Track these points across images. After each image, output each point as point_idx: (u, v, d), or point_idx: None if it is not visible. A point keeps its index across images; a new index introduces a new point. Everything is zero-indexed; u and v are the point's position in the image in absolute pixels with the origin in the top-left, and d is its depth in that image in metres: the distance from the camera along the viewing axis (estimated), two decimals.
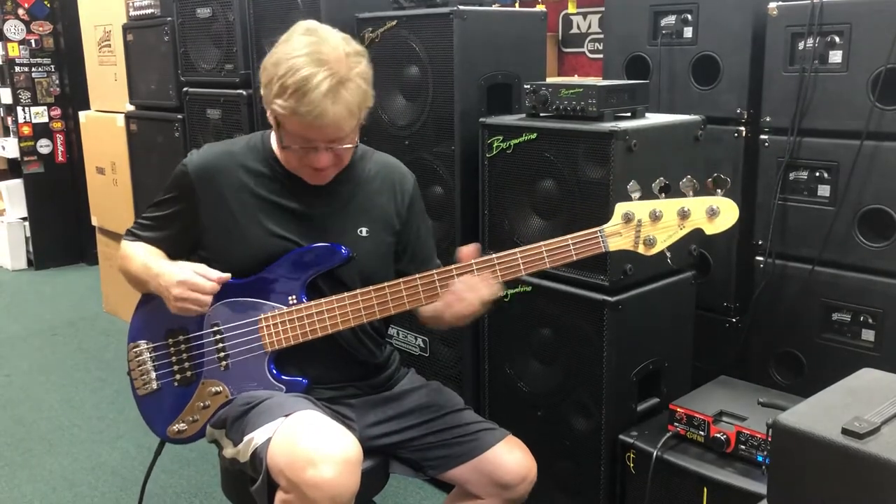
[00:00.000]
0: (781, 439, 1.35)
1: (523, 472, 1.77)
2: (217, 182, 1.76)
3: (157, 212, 1.85)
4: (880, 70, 2.12)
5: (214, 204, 1.76)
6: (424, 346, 2.64)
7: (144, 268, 1.78)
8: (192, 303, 1.69)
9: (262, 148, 1.80)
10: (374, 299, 1.70)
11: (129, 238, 1.88)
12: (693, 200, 1.59)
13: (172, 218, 1.82)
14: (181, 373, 1.82)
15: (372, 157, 1.88)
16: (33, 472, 2.86)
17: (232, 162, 1.78)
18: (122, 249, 1.87)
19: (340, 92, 1.56)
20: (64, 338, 4.21)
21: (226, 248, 1.76)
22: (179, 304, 1.69)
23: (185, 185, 1.78)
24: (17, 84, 5.23)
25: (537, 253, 1.64)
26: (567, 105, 2.15)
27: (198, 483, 2.77)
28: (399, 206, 1.86)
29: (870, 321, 2.21)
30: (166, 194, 1.83)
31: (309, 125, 1.58)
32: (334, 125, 1.59)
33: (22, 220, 5.49)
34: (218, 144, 1.86)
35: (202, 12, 3.22)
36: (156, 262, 1.77)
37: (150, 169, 3.86)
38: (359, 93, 1.60)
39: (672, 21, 2.56)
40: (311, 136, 1.62)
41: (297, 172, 1.73)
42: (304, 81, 1.54)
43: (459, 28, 2.34)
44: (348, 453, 1.53)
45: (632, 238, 1.62)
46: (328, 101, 1.55)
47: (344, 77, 1.57)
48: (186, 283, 1.68)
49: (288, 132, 1.64)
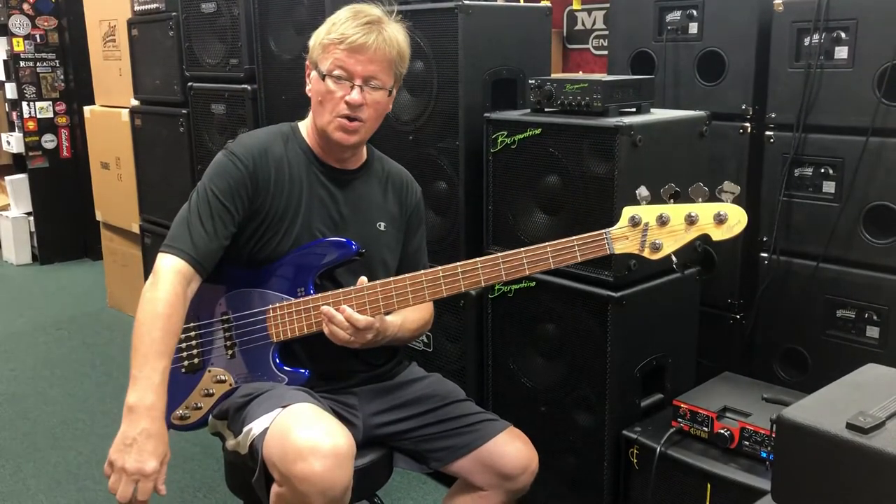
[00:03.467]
0: (786, 434, 1.35)
1: (525, 463, 1.78)
2: (264, 170, 1.76)
3: (204, 206, 1.70)
4: (886, 66, 2.11)
5: (265, 192, 1.75)
6: (428, 341, 2.64)
7: (143, 361, 1.57)
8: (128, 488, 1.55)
9: (295, 137, 1.83)
10: (379, 294, 1.70)
11: (174, 253, 1.65)
12: (701, 206, 1.58)
13: (221, 211, 1.70)
14: (189, 360, 1.83)
15: (386, 162, 1.95)
16: (38, 466, 2.87)
17: (272, 150, 1.79)
18: (159, 274, 1.64)
19: (383, 27, 1.73)
20: (68, 332, 4.22)
21: (265, 236, 1.76)
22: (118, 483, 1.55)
23: (237, 174, 1.72)
24: (23, 79, 5.24)
25: (542, 253, 1.65)
26: (572, 100, 2.14)
27: (201, 477, 2.77)
28: (405, 213, 1.93)
29: (874, 318, 2.20)
30: (215, 187, 1.71)
31: (350, 48, 1.69)
32: (376, 53, 1.71)
33: (27, 215, 5.49)
34: (254, 134, 1.85)
35: (207, 7, 3.22)
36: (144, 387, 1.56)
37: (155, 164, 3.87)
38: (399, 37, 1.76)
39: (677, 17, 2.55)
40: (351, 65, 1.70)
41: (327, 132, 1.75)
42: (355, 14, 1.73)
43: (464, 23, 2.34)
44: (339, 447, 1.52)
45: (638, 242, 1.61)
46: (372, 28, 1.71)
47: (386, 21, 1.75)
48: (137, 476, 1.55)
49: (329, 67, 1.72)
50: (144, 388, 1.56)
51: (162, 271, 1.65)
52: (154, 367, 1.57)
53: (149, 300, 1.62)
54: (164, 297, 1.61)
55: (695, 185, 1.58)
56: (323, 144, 1.81)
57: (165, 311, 1.60)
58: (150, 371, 1.57)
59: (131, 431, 1.55)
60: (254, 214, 1.75)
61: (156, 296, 1.61)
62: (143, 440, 1.54)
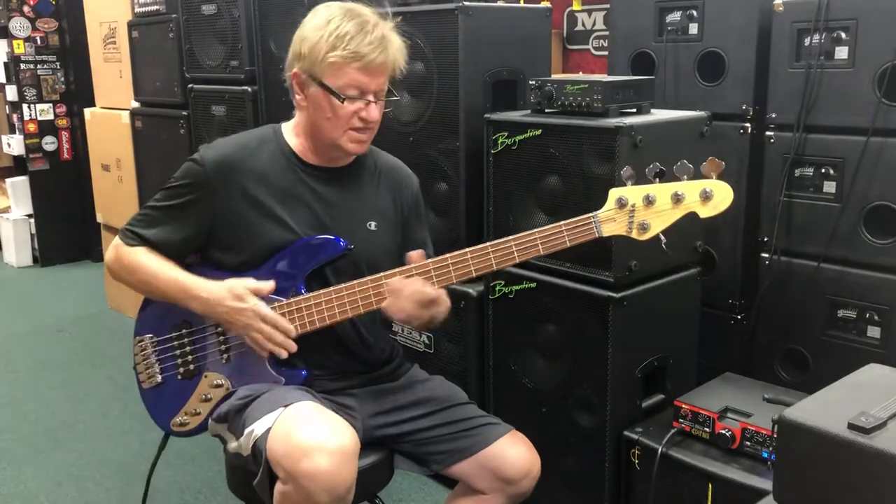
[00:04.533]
0: (787, 435, 1.35)
1: (527, 467, 1.77)
2: (233, 176, 1.75)
3: (166, 202, 1.77)
4: (886, 66, 2.11)
5: (231, 198, 1.74)
6: (429, 342, 2.64)
7: (176, 283, 1.74)
8: (278, 345, 1.71)
9: (276, 140, 1.81)
10: (370, 290, 1.70)
11: (131, 239, 1.79)
12: (687, 184, 1.58)
13: (184, 210, 1.75)
14: (185, 366, 1.83)
15: (378, 156, 1.91)
16: (39, 468, 2.87)
17: (247, 155, 1.77)
18: (127, 255, 1.78)
19: (390, 35, 1.71)
20: (69, 334, 4.22)
21: (240, 241, 1.76)
22: (247, 331, 1.71)
23: (200, 178, 1.74)
24: (23, 81, 5.24)
25: (531, 240, 1.65)
26: (572, 101, 2.14)
27: (203, 479, 2.77)
28: (402, 206, 1.90)
29: (876, 318, 2.20)
30: (177, 186, 1.76)
31: (367, 67, 1.66)
32: (390, 67, 1.71)
33: (27, 217, 5.50)
34: (230, 138, 1.85)
35: (207, 9, 3.22)
36: (193, 278, 1.74)
37: (156, 166, 3.87)
38: (401, 44, 1.74)
39: (677, 17, 2.55)
40: (366, 83, 1.68)
41: (337, 143, 1.73)
42: (358, 27, 1.66)
43: (464, 24, 2.34)
44: (344, 444, 1.53)
45: (625, 223, 1.61)
46: (385, 43, 1.68)
47: (386, 25, 1.72)
48: (271, 321, 1.70)
49: (342, 85, 1.68)
50: (189, 300, 1.74)
51: (129, 253, 1.79)
52: (173, 280, 1.75)
53: (129, 262, 1.78)
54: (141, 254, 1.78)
55: (679, 162, 1.58)
56: (320, 148, 1.79)
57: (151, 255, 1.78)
58: (178, 284, 1.74)
59: (217, 317, 1.74)
60: (220, 216, 1.75)
61: (134, 259, 1.78)
62: (234, 313, 1.71)
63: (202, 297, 1.72)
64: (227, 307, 1.70)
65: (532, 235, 1.65)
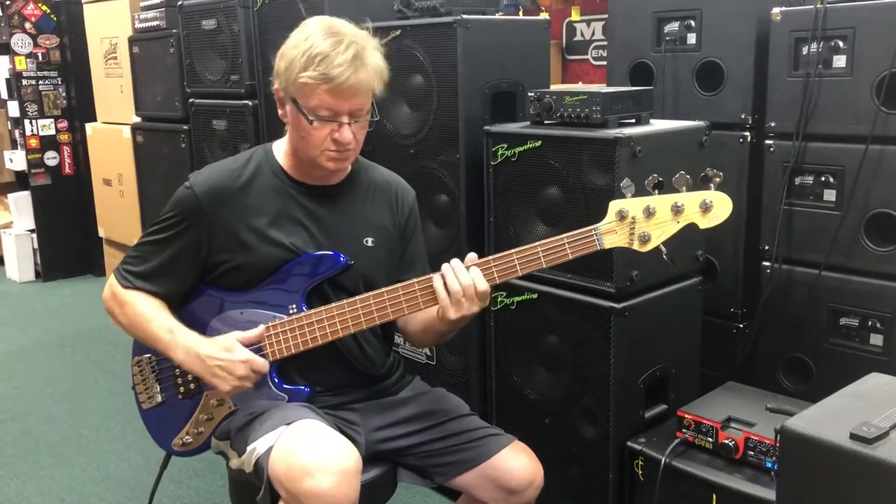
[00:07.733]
0: (790, 445, 1.35)
1: (530, 477, 1.77)
2: (226, 201, 1.74)
3: (160, 235, 1.76)
4: (884, 74, 2.11)
5: (225, 223, 1.74)
6: (431, 354, 2.64)
7: (169, 333, 1.73)
8: (251, 381, 1.72)
9: (267, 160, 1.80)
10: (372, 305, 1.70)
11: (126, 282, 1.78)
12: (686, 195, 1.59)
13: (178, 239, 1.74)
14: (184, 385, 1.83)
15: (373, 170, 1.91)
16: (42, 484, 2.87)
17: (238, 178, 1.76)
18: (122, 296, 1.78)
19: (365, 56, 1.64)
20: (72, 349, 4.22)
21: (237, 266, 1.75)
22: (242, 383, 1.70)
23: (192, 206, 1.73)
24: (25, 97, 5.26)
25: (533, 253, 1.65)
26: (571, 112, 2.15)
27: (206, 493, 2.77)
28: (398, 220, 1.89)
29: (878, 326, 2.20)
30: (170, 216, 1.75)
31: (338, 89, 1.61)
32: (363, 88, 1.64)
33: (29, 232, 5.51)
34: (220, 163, 1.84)
35: (207, 24, 3.24)
36: (184, 331, 1.74)
37: (157, 180, 3.89)
38: (379, 60, 1.68)
39: (675, 27, 2.56)
40: (337, 105, 1.64)
41: (316, 161, 1.71)
42: (331, 47, 1.61)
43: (463, 37, 2.35)
44: (346, 464, 1.52)
45: (626, 235, 1.62)
46: (357, 64, 1.62)
47: (364, 45, 1.65)
48: (250, 364, 1.70)
49: (314, 106, 1.64)
50: (175, 348, 1.73)
51: (125, 295, 1.79)
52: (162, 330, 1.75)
53: (125, 305, 1.78)
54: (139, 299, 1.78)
55: (678, 174, 1.59)
56: (305, 165, 1.77)
57: (148, 301, 1.78)
58: (167, 335, 1.74)
59: (204, 370, 1.71)
60: (217, 243, 1.74)
61: (131, 302, 1.78)
62: (219, 363, 1.70)
63: (191, 351, 1.72)
64: (215, 362, 1.71)
65: (534, 248, 1.65)
